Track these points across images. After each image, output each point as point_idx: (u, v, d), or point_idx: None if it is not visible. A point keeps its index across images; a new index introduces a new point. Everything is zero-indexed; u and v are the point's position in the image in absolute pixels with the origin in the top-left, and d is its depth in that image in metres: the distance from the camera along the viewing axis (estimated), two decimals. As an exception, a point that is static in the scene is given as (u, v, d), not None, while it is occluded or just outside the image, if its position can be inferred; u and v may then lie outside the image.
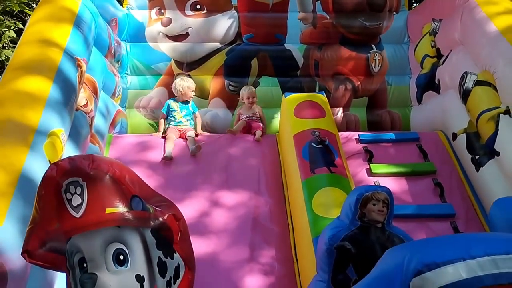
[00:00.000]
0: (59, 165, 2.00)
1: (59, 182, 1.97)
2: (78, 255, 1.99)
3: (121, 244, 1.97)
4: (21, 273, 2.73)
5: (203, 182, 4.57)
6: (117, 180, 2.01)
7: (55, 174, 1.98)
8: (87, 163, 2.00)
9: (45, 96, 3.54)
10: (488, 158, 4.29)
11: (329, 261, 2.94)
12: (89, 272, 1.93)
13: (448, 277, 1.58)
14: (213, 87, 5.82)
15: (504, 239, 1.73)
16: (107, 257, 1.95)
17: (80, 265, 1.98)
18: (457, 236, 2.12)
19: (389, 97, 5.89)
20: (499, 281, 1.58)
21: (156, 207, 2.12)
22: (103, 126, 4.80)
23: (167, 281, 2.03)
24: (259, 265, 3.88)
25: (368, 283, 1.78)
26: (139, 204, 2.03)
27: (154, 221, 2.04)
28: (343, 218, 3.04)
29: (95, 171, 1.98)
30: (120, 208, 1.97)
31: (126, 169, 2.13)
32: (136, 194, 2.05)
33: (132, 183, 2.08)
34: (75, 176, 1.97)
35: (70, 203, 1.96)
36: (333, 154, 4.22)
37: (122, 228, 1.98)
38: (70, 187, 1.97)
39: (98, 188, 1.97)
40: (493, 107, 4.25)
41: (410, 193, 4.47)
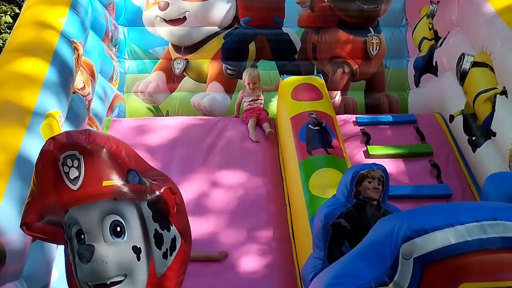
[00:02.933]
0: (56, 139, 2.02)
1: (56, 156, 1.99)
2: (76, 227, 2.01)
3: (118, 216, 2.00)
4: (20, 252, 2.77)
5: (202, 164, 4.61)
6: (113, 154, 2.03)
7: (52, 148, 2.00)
8: (83, 137, 2.02)
9: (42, 78, 3.55)
10: (485, 139, 4.32)
11: (325, 238, 2.97)
12: (87, 244, 1.96)
13: (437, 243, 1.61)
14: (211, 71, 5.82)
15: (491, 206, 1.76)
16: (104, 228, 1.98)
17: (78, 237, 2.01)
18: (446, 204, 2.15)
19: (387, 80, 5.88)
20: (487, 246, 1.62)
21: (152, 181, 2.15)
22: (101, 110, 4.81)
23: (164, 252, 2.06)
24: (256, 244, 3.93)
25: (359, 251, 1.81)
26: (135, 178, 2.05)
27: (151, 194, 2.06)
28: (339, 196, 3.07)
29: (92, 145, 2.00)
30: (116, 181, 1.99)
31: (122, 143, 2.14)
32: (133, 168, 2.07)
33: (128, 157, 2.09)
34: (72, 149, 1.99)
35: (68, 176, 1.98)
36: (330, 136, 4.24)
37: (119, 200, 2.01)
38: (67, 160, 1.99)
39: (95, 162, 1.99)
40: (490, 88, 4.25)
41: (407, 174, 4.49)
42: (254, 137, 4.82)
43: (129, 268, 1.99)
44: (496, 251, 1.64)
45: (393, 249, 1.65)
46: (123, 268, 1.98)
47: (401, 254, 1.64)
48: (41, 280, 3.00)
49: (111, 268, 1.95)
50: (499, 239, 1.65)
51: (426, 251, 1.61)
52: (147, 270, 2.03)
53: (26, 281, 2.83)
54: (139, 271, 2.01)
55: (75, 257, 2.00)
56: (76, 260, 2.01)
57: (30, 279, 2.87)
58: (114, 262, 1.95)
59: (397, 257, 1.64)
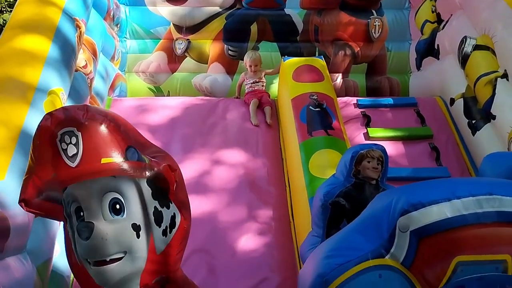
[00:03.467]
0: (53, 115, 1.99)
1: (54, 132, 1.96)
2: (75, 204, 2.01)
3: (117, 194, 1.99)
4: (23, 226, 2.80)
5: (202, 144, 4.62)
6: (112, 130, 2.00)
7: (49, 124, 1.97)
8: (81, 113, 1.98)
9: (44, 55, 3.55)
10: (485, 122, 4.33)
11: (324, 216, 3.01)
12: (86, 221, 1.96)
13: (433, 216, 1.64)
14: (212, 52, 5.80)
15: (488, 182, 1.79)
16: (103, 206, 1.97)
17: (77, 214, 2.00)
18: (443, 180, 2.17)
19: (388, 63, 5.87)
20: (482, 220, 1.65)
21: (151, 158, 2.13)
22: (102, 89, 4.82)
23: (163, 230, 2.06)
24: (256, 224, 3.96)
25: (357, 224, 1.85)
26: (134, 155, 2.03)
27: (150, 171, 2.04)
28: (338, 176, 3.10)
29: (90, 121, 1.97)
30: (115, 158, 1.97)
31: (122, 119, 2.11)
32: (132, 144, 2.04)
33: (127, 133, 2.07)
34: (70, 126, 1.96)
35: (66, 152, 1.96)
36: (331, 117, 4.25)
37: (118, 178, 1.99)
38: (65, 137, 1.96)
39: (93, 138, 1.96)
40: (491, 71, 4.25)
41: (407, 156, 4.51)
42: (255, 121, 4.83)
43: (129, 245, 2.00)
44: (491, 225, 1.67)
45: (390, 222, 1.68)
46: (122, 245, 1.99)
47: (398, 227, 1.67)
48: (44, 254, 3.03)
49: (110, 245, 1.96)
50: (494, 213, 1.68)
51: (422, 224, 1.64)
52: (146, 247, 2.03)
53: (29, 255, 2.87)
54: (139, 248, 2.02)
55: (75, 234, 1.99)
56: (75, 237, 2.00)
57: (33, 253, 2.91)
58: (113, 239, 1.96)
59: (394, 230, 1.68)
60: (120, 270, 1.99)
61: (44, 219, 3.11)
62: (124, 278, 2.01)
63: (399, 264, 1.71)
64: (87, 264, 2.01)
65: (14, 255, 2.71)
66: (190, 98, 5.25)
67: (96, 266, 1.98)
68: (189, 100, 5.19)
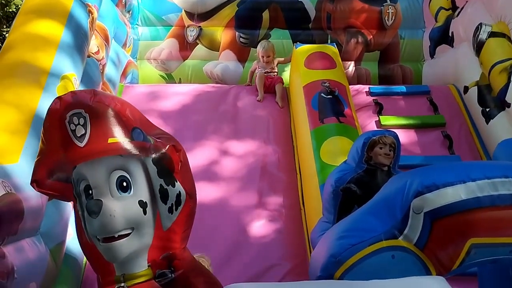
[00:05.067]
0: (62, 99, 2.08)
1: (62, 114, 2.04)
2: (84, 183, 2.07)
3: (124, 172, 2.05)
4: (36, 209, 2.84)
5: (213, 131, 4.63)
6: (118, 113, 2.08)
7: (58, 107, 2.06)
8: (89, 96, 2.06)
9: (57, 40, 3.57)
10: (499, 110, 4.29)
11: (335, 203, 3.00)
12: (95, 199, 2.02)
13: (448, 198, 1.63)
14: (224, 39, 5.79)
15: (503, 165, 1.77)
16: (111, 184, 2.03)
17: (86, 192, 2.06)
18: (458, 162, 2.16)
19: (401, 51, 5.82)
20: (497, 202, 1.63)
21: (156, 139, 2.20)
22: (114, 75, 4.84)
23: (169, 207, 2.11)
24: (266, 211, 3.98)
25: (370, 206, 1.84)
26: (140, 135, 2.10)
27: (155, 151, 2.11)
28: (350, 162, 3.09)
29: (97, 103, 2.05)
30: (121, 138, 2.04)
31: (127, 103, 2.19)
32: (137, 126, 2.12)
33: (133, 116, 2.14)
34: (78, 108, 2.04)
35: (74, 133, 2.04)
36: (343, 105, 4.23)
37: (124, 157, 2.06)
38: (74, 118, 2.04)
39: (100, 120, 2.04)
40: (506, 58, 4.20)
41: (419, 145, 4.49)
42: (260, 96, 4.87)
43: (136, 221, 2.06)
44: (506, 208, 1.65)
45: (404, 203, 1.67)
46: (130, 221, 2.05)
47: (412, 209, 1.66)
48: (57, 237, 3.08)
49: (118, 221, 2.01)
50: (509, 196, 1.67)
51: (436, 206, 1.63)
52: (153, 223, 2.09)
53: (43, 238, 2.91)
54: (146, 225, 2.08)
55: (84, 212, 2.06)
56: (85, 215, 2.07)
57: (47, 236, 2.95)
58: (121, 216, 2.02)
59: (407, 211, 1.67)
60: (128, 245, 2.05)
61: (57, 203, 3.16)
62: (132, 253, 2.08)
63: (412, 245, 1.70)
64: (96, 241, 2.08)
65: (28, 237, 2.74)
66: (202, 85, 5.26)
67: (105, 243, 2.05)
68: (201, 87, 5.19)
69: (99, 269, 2.18)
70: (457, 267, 1.74)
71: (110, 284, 2.11)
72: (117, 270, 2.11)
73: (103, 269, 2.14)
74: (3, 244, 2.44)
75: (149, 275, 2.11)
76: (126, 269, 2.10)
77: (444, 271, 1.74)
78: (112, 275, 2.12)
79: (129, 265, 2.10)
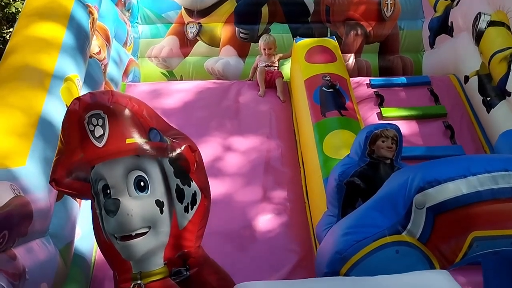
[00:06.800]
0: (81, 100, 2.15)
1: (81, 115, 2.11)
2: (102, 182, 2.13)
3: (141, 172, 2.12)
4: (45, 210, 2.88)
5: (216, 128, 4.66)
6: (135, 113, 2.15)
7: (77, 108, 2.13)
8: (107, 97, 2.13)
9: (59, 42, 3.59)
10: (500, 99, 4.30)
11: (339, 196, 3.04)
12: (113, 198, 2.08)
13: (449, 193, 1.66)
14: (224, 35, 5.80)
15: (503, 158, 1.80)
16: (128, 183, 2.10)
17: (104, 191, 2.12)
18: (459, 157, 2.19)
19: (401, 42, 5.82)
20: (497, 196, 1.66)
21: (173, 139, 2.24)
22: (116, 74, 4.87)
23: (185, 206, 2.18)
24: (271, 205, 4.01)
25: (374, 202, 1.87)
26: (156, 136, 2.17)
27: (172, 151, 2.18)
28: (353, 156, 3.12)
29: (115, 104, 2.12)
30: (139, 139, 2.11)
31: (144, 104, 2.26)
32: (154, 127, 2.19)
33: (150, 116, 2.22)
34: (97, 109, 2.11)
35: (93, 134, 2.10)
36: (344, 98, 4.26)
37: (142, 157, 2.12)
38: (92, 119, 2.10)
39: (118, 121, 2.11)
40: (506, 47, 4.21)
41: (421, 135, 4.51)
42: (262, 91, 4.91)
43: (153, 220, 2.12)
44: (507, 201, 1.68)
45: (406, 199, 1.70)
46: (147, 220, 2.11)
47: (414, 204, 1.69)
48: (66, 237, 3.12)
49: (136, 220, 2.08)
50: (510, 189, 1.70)
51: (438, 201, 1.66)
52: (169, 222, 2.15)
53: (52, 238, 2.95)
54: (162, 224, 2.14)
55: (102, 211, 2.12)
56: (102, 214, 2.13)
57: (56, 236, 3.00)
58: (138, 215, 2.08)
59: (410, 207, 1.70)
60: (145, 244, 2.11)
61: (65, 203, 3.20)
62: (148, 252, 2.13)
63: (416, 240, 1.74)
64: (114, 239, 2.14)
65: (37, 238, 2.79)
66: (203, 82, 5.28)
67: (122, 241, 2.10)
68: (202, 83, 5.21)
69: (116, 266, 2.24)
70: (460, 260, 1.77)
71: (127, 281, 2.19)
72: (134, 267, 2.18)
73: (120, 266, 2.21)
74: (14, 246, 2.48)
75: (165, 272, 2.18)
76: (142, 267, 2.17)
77: (448, 264, 1.78)
78: (129, 272, 2.19)
79: (145, 263, 2.17)
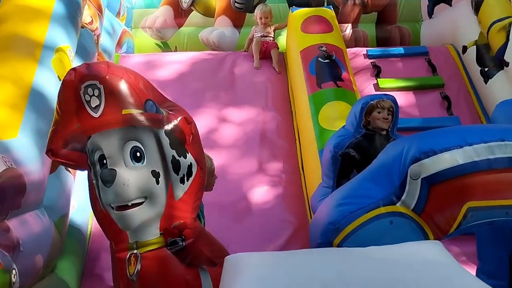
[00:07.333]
0: (77, 70, 2.14)
1: (77, 86, 2.11)
2: (98, 152, 2.13)
3: (137, 142, 2.12)
4: (38, 182, 2.85)
5: (211, 99, 4.62)
6: (131, 85, 2.14)
7: (73, 78, 2.12)
8: (103, 68, 2.13)
9: (49, 11, 3.50)
10: (497, 70, 4.26)
11: (334, 168, 3.03)
12: (109, 168, 2.08)
13: (445, 163, 1.64)
14: (218, 5, 5.69)
15: (500, 128, 1.78)
16: (124, 153, 2.10)
17: (100, 161, 2.13)
18: (455, 127, 2.17)
19: (399, 12, 5.73)
20: (493, 166, 1.65)
21: (169, 111, 2.23)
22: (109, 45, 4.78)
23: (181, 178, 2.18)
24: (267, 176, 4.01)
25: (369, 173, 1.86)
26: (152, 107, 2.17)
27: (167, 123, 2.18)
28: (348, 127, 3.10)
29: (111, 75, 2.11)
30: (135, 110, 2.11)
31: (140, 76, 2.27)
32: (150, 98, 2.18)
33: (146, 88, 2.22)
34: (92, 79, 2.10)
35: (89, 104, 2.10)
36: (340, 69, 4.21)
37: (138, 128, 2.12)
38: (88, 90, 2.10)
39: (114, 91, 2.10)
40: (505, 16, 4.15)
41: (418, 106, 4.48)
42: (256, 63, 4.83)
43: (149, 191, 2.12)
44: (503, 171, 1.67)
45: (401, 170, 1.69)
46: (143, 190, 2.11)
47: (409, 175, 1.68)
48: (60, 210, 3.11)
49: (132, 190, 2.09)
50: (506, 159, 1.68)
51: (434, 171, 1.65)
52: (165, 193, 2.15)
53: (46, 210, 2.94)
54: (158, 194, 2.14)
55: (98, 181, 2.13)
56: (99, 184, 2.14)
57: (50, 209, 2.99)
58: (134, 185, 2.09)
59: (405, 177, 1.69)
60: (141, 214, 2.13)
61: (59, 175, 3.18)
62: (145, 222, 2.14)
63: (410, 210, 1.73)
64: (110, 209, 2.15)
65: (31, 211, 2.78)
66: (198, 53, 5.20)
67: (119, 211, 2.11)
68: (197, 55, 5.14)
69: (113, 236, 2.25)
70: (454, 230, 1.77)
71: (123, 251, 2.20)
72: (130, 237, 2.19)
73: (117, 236, 2.22)
74: (7, 218, 2.47)
75: (161, 242, 2.19)
76: (139, 237, 2.18)
77: (441, 235, 1.78)
78: (125, 242, 2.20)
79: (142, 233, 2.18)
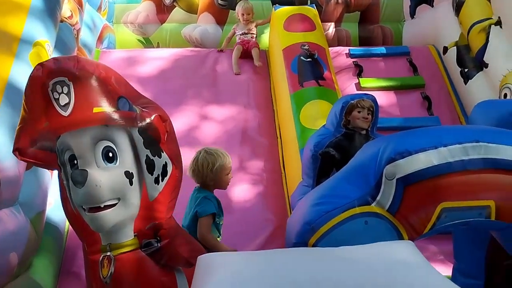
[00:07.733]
0: (44, 65, 2.03)
1: (45, 82, 2.01)
2: (68, 152, 2.06)
3: (110, 142, 2.04)
4: (13, 178, 2.80)
5: (193, 96, 4.59)
6: (103, 81, 2.05)
7: (41, 74, 2.01)
8: (72, 63, 2.02)
9: (28, 4, 3.43)
10: (477, 71, 4.32)
11: (314, 167, 3.04)
12: (80, 169, 2.01)
13: (419, 164, 1.65)
14: (202, 2, 5.66)
15: (475, 129, 1.79)
16: (96, 154, 2.02)
17: (71, 162, 2.06)
18: (431, 128, 2.18)
19: (381, 12, 5.77)
20: (468, 167, 1.66)
21: (142, 108, 2.17)
22: (90, 40, 4.72)
23: (155, 178, 2.12)
24: (248, 175, 4.00)
25: (345, 172, 1.86)
26: (125, 105, 2.09)
27: (141, 121, 2.10)
28: (329, 126, 3.10)
29: (81, 71, 2.01)
30: (107, 107, 2.02)
31: (112, 71, 2.16)
32: (123, 95, 2.09)
33: (118, 84, 2.12)
34: (61, 75, 2.00)
35: (58, 102, 2.01)
36: (322, 68, 4.22)
37: (110, 127, 2.04)
38: (57, 87, 2.00)
39: (85, 88, 2.01)
40: (485, 18, 4.20)
41: (399, 106, 4.52)
42: (236, 69, 4.78)
43: (122, 192, 2.06)
44: (477, 172, 1.68)
45: (377, 170, 1.69)
46: (116, 192, 2.04)
47: (385, 175, 1.68)
48: (36, 206, 3.05)
49: (104, 192, 2.01)
50: (480, 160, 1.69)
51: (409, 172, 1.65)
52: (139, 194, 2.09)
53: (22, 207, 2.89)
54: (132, 195, 2.08)
55: (69, 181, 2.05)
56: (70, 185, 2.06)
57: (26, 205, 2.93)
58: (107, 186, 2.01)
59: (380, 178, 1.69)
60: (114, 216, 2.06)
61: (35, 172, 3.12)
62: (118, 223, 2.08)
63: (385, 211, 1.73)
64: (82, 211, 2.08)
65: (6, 208, 2.72)
66: (180, 50, 5.16)
67: (91, 213, 2.04)
68: (179, 51, 5.10)
69: (85, 238, 2.19)
70: (428, 231, 1.78)
71: (96, 253, 2.14)
72: (103, 239, 2.13)
73: (89, 238, 2.16)
74: (-19, 216, 2.42)
75: (135, 244, 2.14)
76: (112, 239, 2.12)
77: (416, 235, 1.79)
78: (98, 244, 2.14)
79: (115, 235, 2.11)
